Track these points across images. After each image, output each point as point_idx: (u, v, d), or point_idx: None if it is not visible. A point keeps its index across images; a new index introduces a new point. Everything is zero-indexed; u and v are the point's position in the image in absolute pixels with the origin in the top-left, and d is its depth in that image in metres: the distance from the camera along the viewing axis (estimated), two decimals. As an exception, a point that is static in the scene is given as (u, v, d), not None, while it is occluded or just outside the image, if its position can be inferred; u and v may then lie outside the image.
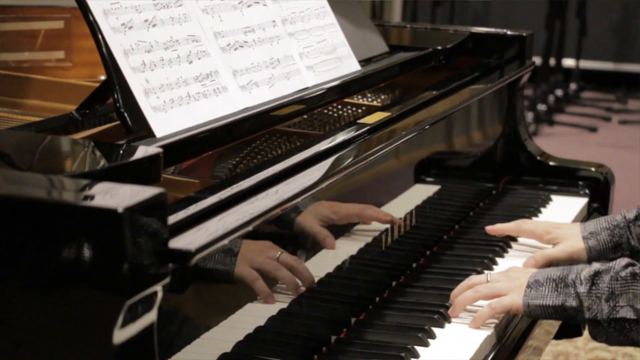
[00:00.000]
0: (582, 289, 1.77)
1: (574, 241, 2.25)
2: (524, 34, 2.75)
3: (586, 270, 1.80)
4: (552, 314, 1.83)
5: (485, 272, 1.97)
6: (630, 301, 1.72)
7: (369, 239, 1.97)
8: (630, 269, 1.75)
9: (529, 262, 2.20)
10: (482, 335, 1.85)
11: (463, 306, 1.89)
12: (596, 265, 1.80)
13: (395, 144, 2.02)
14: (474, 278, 1.95)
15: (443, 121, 2.32)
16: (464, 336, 1.84)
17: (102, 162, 1.45)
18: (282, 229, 1.71)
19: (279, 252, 1.76)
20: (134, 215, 1.20)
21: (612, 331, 1.75)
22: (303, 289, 1.76)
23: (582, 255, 2.25)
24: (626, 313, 1.72)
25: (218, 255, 1.57)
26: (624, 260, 1.78)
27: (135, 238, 1.21)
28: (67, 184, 1.31)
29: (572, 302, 1.78)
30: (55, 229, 1.22)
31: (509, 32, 2.75)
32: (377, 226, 2.01)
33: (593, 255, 2.25)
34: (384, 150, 1.95)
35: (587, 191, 2.70)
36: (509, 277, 1.91)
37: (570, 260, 2.26)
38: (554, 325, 2.28)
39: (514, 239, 2.32)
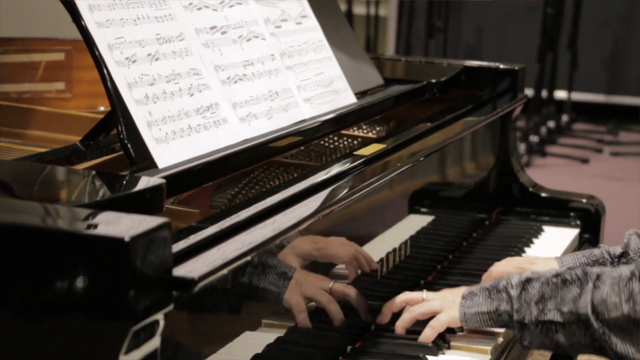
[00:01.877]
0: (514, 293, 1.80)
1: None
2: (516, 68, 2.77)
3: (517, 277, 1.83)
4: (488, 320, 1.85)
5: (423, 290, 1.97)
6: (558, 305, 1.75)
7: (367, 270, 1.98)
8: (560, 276, 1.79)
9: None
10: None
11: (407, 322, 1.91)
12: (527, 273, 1.84)
13: (390, 176, 2.03)
14: (409, 294, 1.98)
15: (437, 153, 2.33)
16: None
17: (106, 192, 1.47)
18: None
19: (332, 283, 1.81)
20: (140, 244, 1.22)
21: (538, 333, 1.79)
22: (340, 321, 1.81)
23: None
24: (553, 316, 1.75)
25: (272, 276, 1.59)
26: (554, 271, 1.83)
27: (141, 266, 1.22)
28: (73, 214, 1.32)
29: (505, 306, 1.81)
30: (62, 258, 1.24)
31: (501, 66, 2.76)
32: (375, 257, 2.01)
33: None
34: (379, 182, 1.96)
35: (578, 222, 2.71)
36: (443, 296, 1.94)
37: None
38: (545, 354, 2.30)
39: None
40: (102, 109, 2.43)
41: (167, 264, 1.28)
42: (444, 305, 1.90)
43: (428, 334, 1.87)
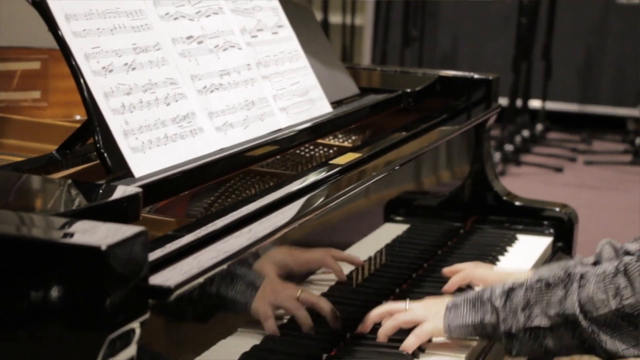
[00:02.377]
0: (498, 303, 1.81)
1: None
2: (490, 78, 2.78)
3: (500, 287, 1.84)
4: (473, 332, 1.86)
5: (407, 300, 1.98)
6: (544, 309, 1.77)
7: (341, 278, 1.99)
8: (543, 280, 1.81)
9: None
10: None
11: (390, 330, 1.92)
12: (509, 282, 1.85)
13: (366, 185, 2.04)
14: (393, 304, 1.99)
15: (412, 162, 2.34)
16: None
17: (83, 201, 1.47)
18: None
19: (300, 291, 1.80)
20: (116, 252, 1.22)
21: (526, 341, 1.79)
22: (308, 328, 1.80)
23: None
24: (540, 321, 1.77)
25: (240, 285, 1.60)
26: (536, 276, 1.83)
27: (117, 275, 1.23)
28: (49, 223, 1.32)
29: (490, 318, 1.82)
30: (38, 267, 1.24)
31: (475, 76, 2.78)
32: (348, 267, 2.02)
33: None
34: (355, 191, 1.97)
35: (551, 231, 2.73)
36: (426, 305, 1.94)
37: None
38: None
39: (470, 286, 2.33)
40: (78, 117, 2.42)
41: (143, 272, 1.28)
42: (428, 315, 1.91)
43: (412, 342, 1.88)
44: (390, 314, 1.94)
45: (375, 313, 1.96)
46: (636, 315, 1.69)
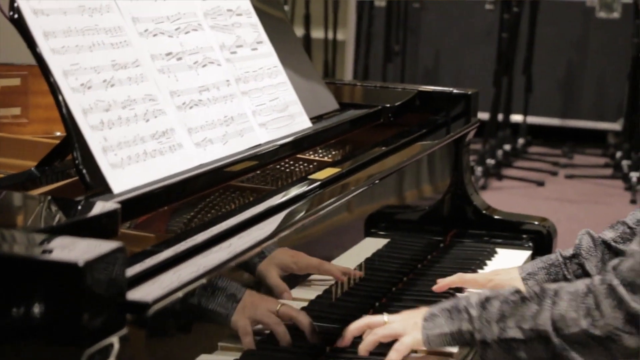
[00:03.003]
0: (474, 313, 1.83)
1: (513, 284, 2.28)
2: (469, 93, 2.80)
3: (476, 297, 1.86)
4: (451, 341, 1.87)
5: (384, 313, 1.97)
6: (518, 322, 1.78)
7: (320, 292, 1.99)
8: (519, 294, 1.81)
9: None
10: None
11: (370, 345, 1.91)
12: (486, 292, 1.87)
13: (345, 199, 2.04)
14: (371, 318, 1.98)
15: (392, 176, 2.34)
16: None
17: (62, 217, 1.47)
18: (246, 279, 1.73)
19: (279, 305, 1.80)
20: (93, 268, 1.22)
21: (501, 351, 1.80)
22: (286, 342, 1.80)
23: None
24: (515, 333, 1.78)
25: (220, 298, 1.60)
26: (512, 288, 1.85)
27: (95, 290, 1.23)
28: (28, 239, 1.33)
29: (466, 326, 1.83)
30: (17, 282, 1.24)
31: (455, 91, 2.79)
32: (328, 281, 2.02)
33: None
34: (335, 205, 1.98)
35: (530, 244, 2.73)
36: (403, 318, 1.94)
37: None
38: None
39: (460, 290, 2.34)
40: (58, 134, 2.42)
41: (121, 287, 1.29)
42: (406, 327, 1.90)
43: (393, 358, 1.87)
44: (369, 328, 1.94)
45: (354, 327, 1.95)
46: (605, 338, 1.70)
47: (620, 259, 1.73)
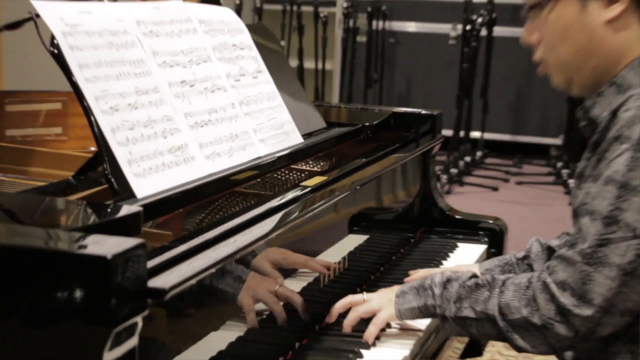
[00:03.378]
0: (437, 291, 1.83)
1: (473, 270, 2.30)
2: (435, 113, 2.79)
3: (439, 277, 1.85)
4: (419, 314, 1.88)
5: (364, 292, 1.98)
6: (471, 304, 1.78)
7: (311, 279, 1.99)
8: (474, 279, 1.81)
9: None
10: (401, 354, 1.87)
11: (352, 321, 1.92)
12: (447, 273, 1.86)
13: (331, 202, 2.04)
14: (352, 297, 1.97)
15: (371, 183, 2.34)
16: (386, 355, 1.86)
17: (94, 219, 1.47)
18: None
19: (277, 286, 1.80)
20: (119, 261, 1.23)
21: (455, 325, 1.81)
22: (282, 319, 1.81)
23: None
24: (468, 313, 1.78)
25: (228, 281, 1.61)
26: (470, 273, 1.85)
27: (121, 279, 1.23)
28: (65, 236, 1.33)
29: (430, 301, 1.84)
30: (58, 273, 1.24)
31: (423, 112, 2.78)
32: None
33: None
34: (322, 207, 1.98)
35: (486, 239, 2.73)
36: (379, 296, 1.94)
37: None
38: (459, 348, 2.31)
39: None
40: (92, 149, 2.42)
41: (142, 276, 1.29)
42: (382, 304, 1.91)
43: (372, 331, 1.88)
44: (352, 305, 1.94)
45: (338, 305, 1.96)
46: (540, 325, 1.69)
47: (556, 262, 1.71)
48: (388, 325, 1.96)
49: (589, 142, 1.78)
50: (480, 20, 6.89)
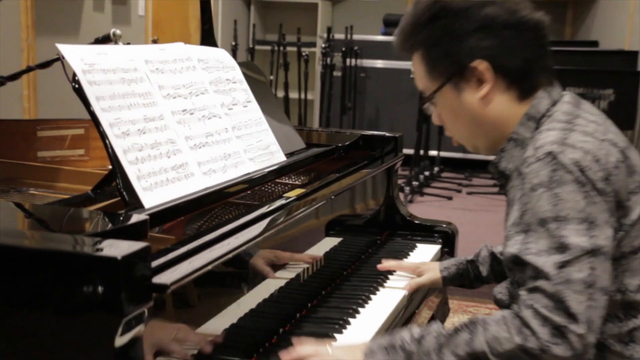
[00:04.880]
0: (413, 348, 1.61)
1: (434, 273, 2.29)
2: (397, 135, 2.79)
3: (408, 335, 1.64)
4: None
5: (330, 344, 1.73)
6: (453, 350, 1.57)
7: (293, 275, 1.98)
8: (449, 328, 1.64)
9: (407, 287, 2.23)
10: (374, 327, 1.88)
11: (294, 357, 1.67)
12: (416, 329, 1.65)
13: (310, 209, 2.05)
14: (317, 349, 1.70)
15: (343, 194, 2.34)
16: (357, 339, 1.84)
17: (109, 225, 1.46)
18: (241, 267, 1.73)
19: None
20: (128, 261, 1.23)
21: None
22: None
23: (439, 282, 2.29)
24: (450, 358, 1.57)
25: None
26: (439, 323, 1.68)
27: (129, 276, 1.23)
28: (85, 241, 1.33)
29: None
30: (79, 271, 1.24)
31: (387, 134, 2.78)
32: (298, 267, 2.02)
33: (446, 282, 2.29)
34: (302, 214, 1.98)
35: (440, 240, 2.73)
36: (345, 352, 1.69)
37: (432, 285, 2.30)
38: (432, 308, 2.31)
39: (390, 274, 2.34)
40: (110, 167, 2.42)
41: (147, 274, 1.29)
42: None
43: None
44: (316, 356, 1.68)
45: (303, 352, 1.69)
46: (538, 350, 1.50)
47: (530, 294, 1.55)
48: None
49: (505, 189, 1.77)
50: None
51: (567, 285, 1.50)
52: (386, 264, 2.34)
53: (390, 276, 2.33)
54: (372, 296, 2.14)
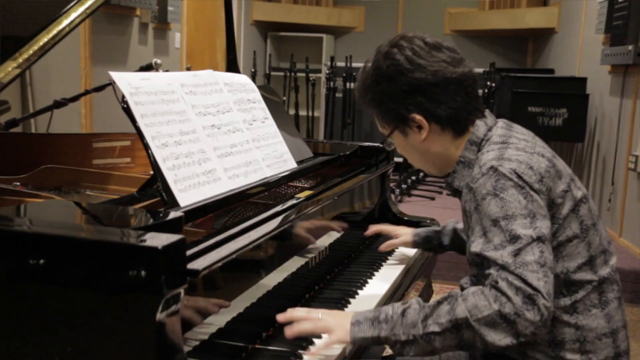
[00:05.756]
0: (398, 321, 1.57)
1: (406, 237, 2.38)
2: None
3: (391, 310, 1.59)
4: (370, 342, 1.59)
5: (320, 311, 1.66)
6: (435, 320, 1.54)
7: (303, 262, 1.98)
8: (430, 301, 1.60)
9: (382, 247, 2.34)
10: (371, 306, 1.83)
11: (298, 332, 1.61)
12: (398, 305, 1.60)
13: (317, 208, 2.05)
14: (310, 312, 1.65)
15: (345, 195, 2.34)
16: (362, 304, 1.83)
17: (151, 220, 1.46)
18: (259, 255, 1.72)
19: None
20: (167, 250, 1.23)
21: (421, 343, 1.54)
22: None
23: (409, 244, 2.39)
24: (434, 328, 1.53)
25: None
26: (416, 301, 1.61)
27: (168, 263, 1.23)
28: (131, 233, 1.33)
29: (384, 333, 1.56)
30: (127, 259, 1.24)
31: (380, 145, 2.77)
32: (309, 255, 2.02)
33: (415, 245, 2.39)
34: (311, 211, 1.98)
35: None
36: (333, 319, 1.62)
37: (402, 245, 2.40)
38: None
39: (386, 259, 2.34)
40: (150, 172, 2.42)
41: (183, 261, 1.29)
42: (337, 327, 1.60)
43: (323, 345, 1.61)
44: (307, 319, 1.63)
45: (295, 314, 1.65)
46: (513, 315, 1.48)
47: (495, 281, 1.53)
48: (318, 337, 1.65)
49: (461, 199, 1.78)
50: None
51: (524, 267, 1.52)
52: (372, 228, 2.40)
53: (383, 264, 2.33)
54: (369, 280, 2.14)
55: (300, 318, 1.63)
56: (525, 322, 1.48)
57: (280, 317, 1.64)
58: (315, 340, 1.65)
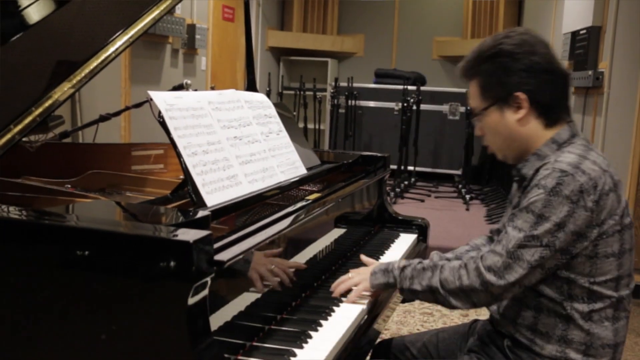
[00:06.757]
0: (397, 273, 1.76)
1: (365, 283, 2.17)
2: (386, 155, 2.78)
3: (397, 264, 1.77)
4: (384, 287, 1.80)
5: (350, 270, 1.90)
6: (419, 281, 1.70)
7: (312, 255, 1.97)
8: (420, 265, 1.74)
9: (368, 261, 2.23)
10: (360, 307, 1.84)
11: (342, 290, 1.84)
12: (403, 262, 1.78)
13: (324, 209, 2.05)
14: (343, 277, 1.88)
15: (348, 197, 2.34)
16: (352, 308, 1.82)
17: (182, 218, 1.46)
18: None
19: (273, 266, 1.69)
20: (197, 244, 1.23)
21: (409, 294, 1.73)
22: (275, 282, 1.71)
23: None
24: (417, 287, 1.70)
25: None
26: (418, 261, 1.76)
27: (197, 255, 1.23)
28: (166, 229, 1.32)
29: (392, 280, 1.77)
30: (162, 251, 1.24)
31: (378, 155, 2.77)
32: (315, 249, 2.01)
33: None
34: (318, 212, 1.98)
35: (417, 231, 2.72)
36: (359, 273, 1.86)
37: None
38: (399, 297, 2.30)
39: (382, 255, 2.33)
40: (181, 177, 2.42)
41: (210, 253, 1.29)
42: (361, 279, 1.83)
43: (353, 295, 1.81)
44: (342, 282, 1.87)
45: (337, 282, 1.88)
46: (469, 290, 1.61)
47: (488, 253, 1.61)
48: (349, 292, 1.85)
49: (520, 186, 1.74)
50: (412, 100, 6.90)
51: (517, 261, 1.54)
52: (363, 259, 2.24)
53: (381, 257, 2.32)
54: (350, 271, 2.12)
55: (338, 283, 1.86)
56: (478, 297, 1.61)
57: (335, 293, 1.83)
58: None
